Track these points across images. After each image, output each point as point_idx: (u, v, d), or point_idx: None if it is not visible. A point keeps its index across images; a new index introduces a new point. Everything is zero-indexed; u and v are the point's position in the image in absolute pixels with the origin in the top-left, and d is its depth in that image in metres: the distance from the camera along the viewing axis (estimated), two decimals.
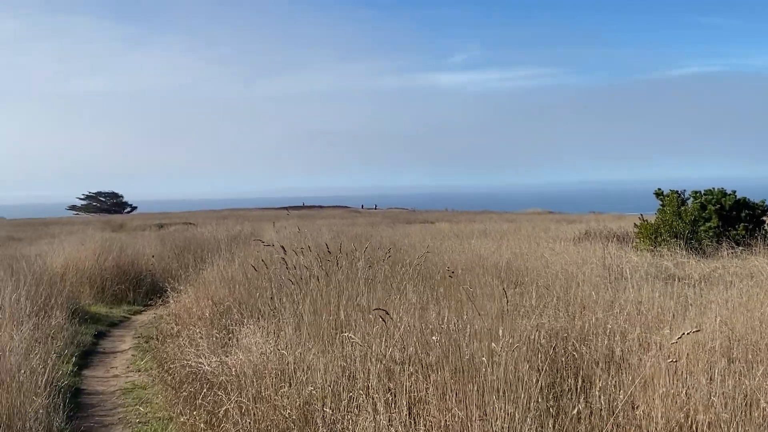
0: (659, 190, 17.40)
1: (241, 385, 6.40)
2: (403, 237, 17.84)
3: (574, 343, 6.20)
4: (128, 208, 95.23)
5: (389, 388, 5.43)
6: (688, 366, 5.45)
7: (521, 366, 5.06)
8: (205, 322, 9.12)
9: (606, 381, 5.31)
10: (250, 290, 9.07)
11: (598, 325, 6.52)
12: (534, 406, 4.76)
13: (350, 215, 53.79)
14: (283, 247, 8.97)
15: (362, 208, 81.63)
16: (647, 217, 17.07)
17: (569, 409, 4.97)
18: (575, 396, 5.14)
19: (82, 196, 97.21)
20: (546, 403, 4.96)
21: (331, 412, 5.49)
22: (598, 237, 16.55)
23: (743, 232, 15.68)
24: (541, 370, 5.10)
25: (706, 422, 4.82)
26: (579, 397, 5.06)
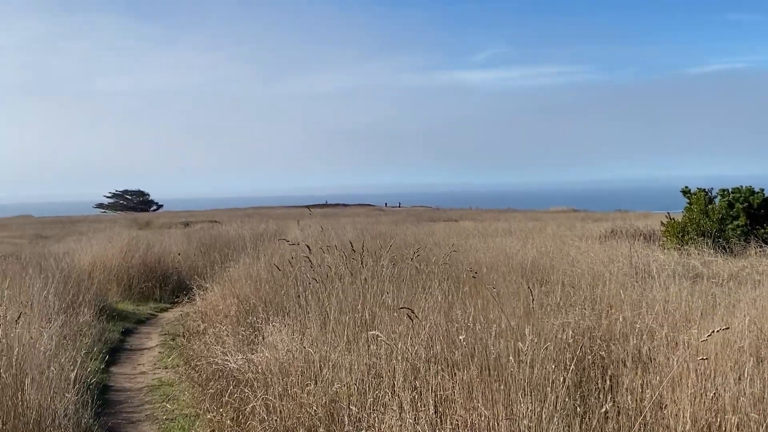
0: (686, 188, 17.24)
1: (267, 382, 6.43)
2: (427, 235, 17.82)
3: (600, 342, 6.17)
4: (154, 206, 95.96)
5: (415, 387, 5.43)
6: (717, 366, 5.40)
7: (548, 365, 5.04)
8: (231, 319, 9.18)
9: (634, 380, 5.27)
10: (275, 288, 9.11)
11: (626, 324, 6.47)
12: (561, 406, 4.74)
13: (374, 213, 53.82)
14: (308, 246, 8.99)
15: (385, 206, 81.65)
16: (674, 216, 16.91)
17: (596, 409, 4.94)
18: (603, 395, 5.11)
19: (109, 195, 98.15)
20: (573, 403, 4.94)
21: (357, 410, 5.50)
22: (624, 235, 16.43)
23: None
24: (568, 370, 5.08)
25: (735, 422, 4.77)
26: (606, 397, 5.03)
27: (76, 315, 10.67)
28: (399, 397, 5.29)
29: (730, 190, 16.59)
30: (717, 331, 5.09)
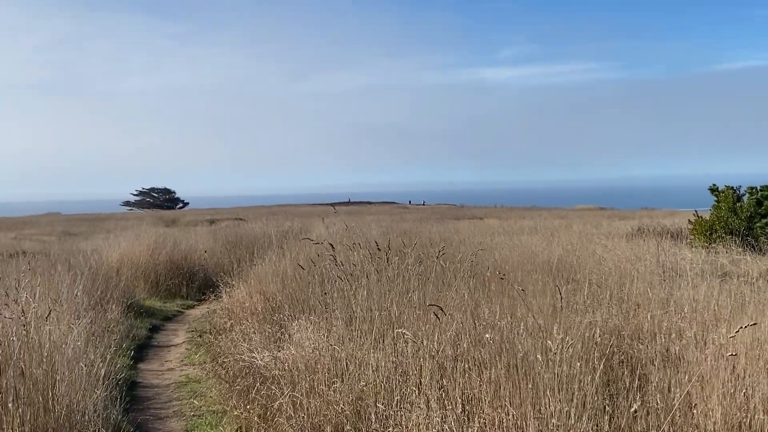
0: (714, 185, 17.05)
1: (294, 379, 6.47)
2: (452, 233, 17.78)
3: (629, 341, 6.13)
4: (180, 204, 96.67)
5: (442, 385, 5.43)
6: (747, 365, 5.35)
7: (576, 364, 5.02)
8: (258, 317, 9.22)
9: (662, 379, 5.24)
10: (301, 286, 9.14)
11: (653, 323, 6.43)
12: (590, 405, 4.72)
13: (398, 211, 53.84)
14: (332, 245, 9.01)
15: (409, 204, 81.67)
16: (702, 214, 16.74)
17: (625, 408, 4.91)
18: (631, 394, 5.08)
19: (136, 192, 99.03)
20: (602, 402, 4.91)
21: (383, 408, 5.52)
22: (651, 233, 16.30)
23: None
24: (596, 368, 5.05)
25: (767, 422, 4.73)
26: (635, 396, 5.00)
27: (105, 312, 10.77)
28: (426, 395, 5.29)
29: (759, 188, 16.39)
30: (745, 327, 5.04)
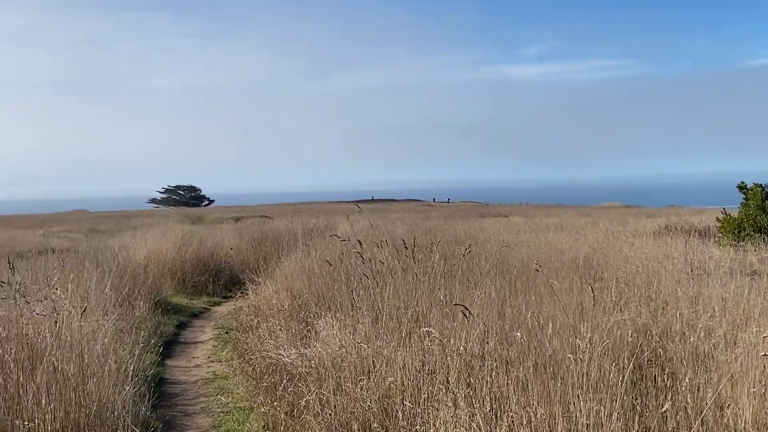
0: (742, 183, 16.83)
1: (321, 377, 6.48)
2: (477, 231, 17.74)
3: (658, 340, 6.08)
4: (206, 201, 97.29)
5: (469, 383, 5.42)
6: None
7: (606, 363, 4.99)
8: (284, 314, 9.25)
9: (692, 379, 5.18)
10: (328, 283, 9.16)
11: (683, 322, 6.37)
12: (619, 404, 4.68)
13: (422, 209, 53.81)
14: (360, 242, 9.02)
15: (434, 201, 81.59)
16: (729, 211, 16.54)
17: (654, 407, 4.87)
18: (661, 394, 5.03)
19: (162, 190, 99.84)
20: (632, 401, 4.88)
21: (411, 406, 5.51)
22: (679, 231, 16.14)
23: None
24: (626, 367, 5.01)
25: None
26: (665, 395, 4.96)
27: (132, 308, 10.85)
28: (454, 393, 5.28)
29: None
30: None
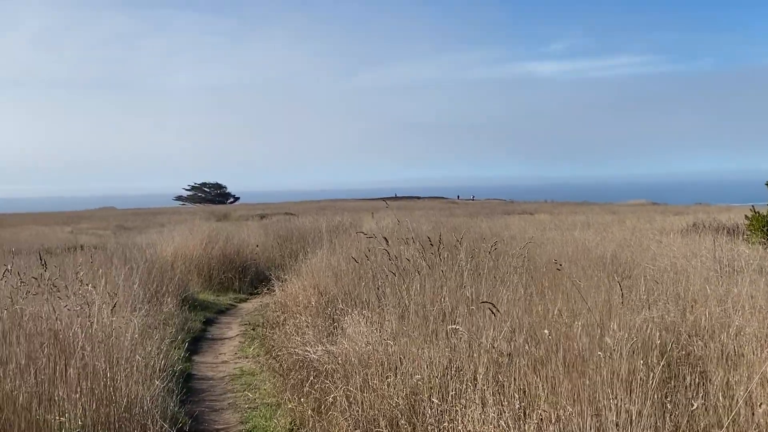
0: None
1: (347, 373, 6.49)
2: (502, 228, 17.67)
3: (687, 338, 6.02)
4: (231, 199, 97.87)
5: (497, 381, 5.40)
6: None
7: (635, 361, 4.95)
8: (311, 311, 9.27)
9: (723, 377, 5.13)
10: (354, 280, 9.16)
11: (712, 320, 6.30)
12: (649, 402, 4.65)
13: (447, 206, 53.73)
14: (386, 239, 9.02)
15: (458, 198, 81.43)
16: (759, 209, 16.34)
17: (683, 406, 4.83)
18: (691, 392, 4.99)
19: (188, 187, 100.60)
20: (661, 399, 4.84)
21: (438, 403, 5.51)
22: (707, 229, 15.97)
23: None
24: (655, 366, 4.97)
25: None
26: (695, 393, 4.91)
27: (160, 304, 10.95)
28: (482, 391, 5.27)
29: None
30: None
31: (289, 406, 6.98)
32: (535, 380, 5.19)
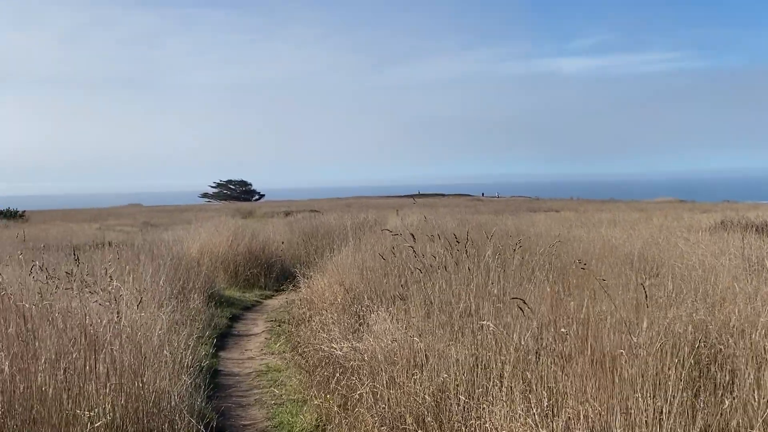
0: None
1: (373, 370, 6.49)
2: (528, 226, 17.58)
3: (716, 336, 5.95)
4: (256, 196, 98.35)
5: (524, 378, 5.38)
6: None
7: (664, 359, 4.91)
8: (337, 307, 9.29)
9: (755, 376, 5.07)
10: (380, 277, 9.16)
11: (742, 318, 6.23)
12: (678, 401, 4.60)
13: (471, 203, 53.57)
14: (413, 235, 9.01)
15: (483, 196, 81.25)
16: None
17: (713, 405, 4.78)
18: (721, 391, 4.93)
19: (214, 184, 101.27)
20: (690, 398, 4.79)
21: (465, 400, 5.50)
22: (735, 227, 15.79)
23: None
24: (684, 364, 4.92)
25: None
26: (727, 393, 4.85)
27: (187, 300, 11.01)
28: (509, 388, 5.25)
29: None
30: None
31: (316, 403, 7.00)
32: (563, 378, 5.16)
